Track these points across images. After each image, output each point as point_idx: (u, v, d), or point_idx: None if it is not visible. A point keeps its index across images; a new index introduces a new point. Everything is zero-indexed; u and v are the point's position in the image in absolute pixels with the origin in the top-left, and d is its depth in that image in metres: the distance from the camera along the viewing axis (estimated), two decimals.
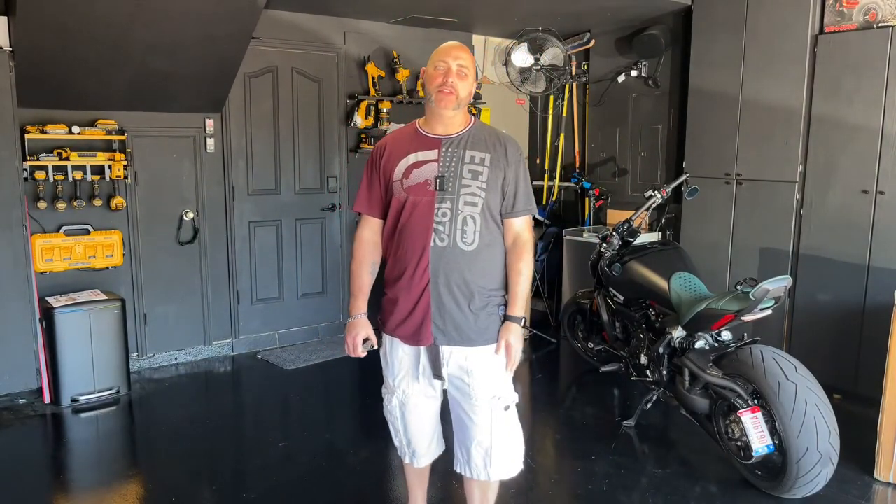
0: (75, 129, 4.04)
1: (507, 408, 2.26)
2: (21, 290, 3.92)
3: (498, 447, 2.26)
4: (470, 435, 2.27)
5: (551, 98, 5.79)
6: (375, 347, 2.30)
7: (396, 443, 2.46)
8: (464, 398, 2.25)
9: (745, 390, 2.97)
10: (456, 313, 2.17)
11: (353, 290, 2.30)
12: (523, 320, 2.27)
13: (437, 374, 2.25)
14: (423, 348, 2.23)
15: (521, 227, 2.25)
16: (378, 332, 2.32)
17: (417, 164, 2.18)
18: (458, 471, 2.36)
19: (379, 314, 2.34)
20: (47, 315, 3.92)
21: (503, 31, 5.51)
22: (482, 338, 2.21)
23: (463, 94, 2.16)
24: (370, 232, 2.32)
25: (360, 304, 2.28)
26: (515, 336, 2.21)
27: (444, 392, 2.35)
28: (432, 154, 2.18)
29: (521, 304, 2.25)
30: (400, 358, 2.29)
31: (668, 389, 3.48)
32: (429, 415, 2.37)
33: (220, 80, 4.32)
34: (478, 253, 2.17)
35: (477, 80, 2.26)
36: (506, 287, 2.26)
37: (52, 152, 4.01)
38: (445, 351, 2.21)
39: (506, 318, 2.23)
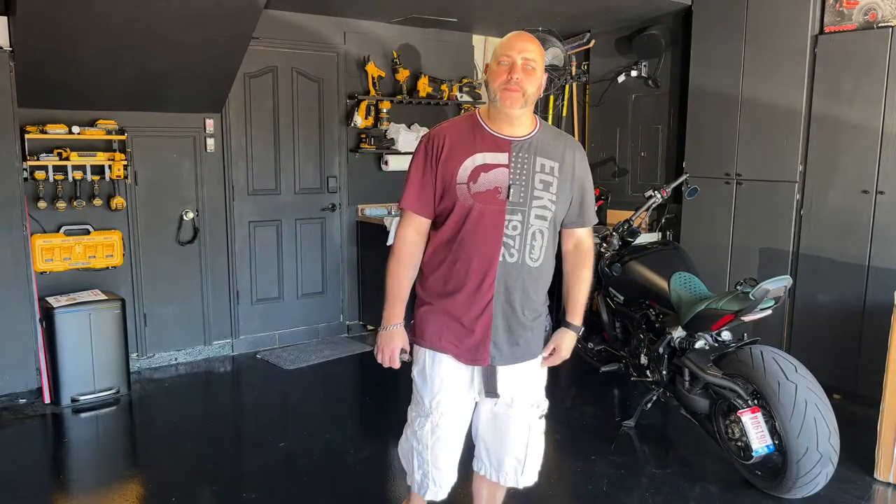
0: (75, 129, 4.04)
1: (541, 416, 2.20)
2: (21, 290, 3.92)
3: (531, 456, 2.20)
4: (505, 445, 2.18)
5: (551, 98, 5.79)
6: (410, 359, 2.12)
7: (418, 477, 2.22)
8: (505, 409, 2.14)
9: (745, 390, 2.96)
10: (517, 332, 2.05)
11: (391, 295, 2.06)
12: (580, 330, 2.19)
13: (491, 391, 2.08)
14: (476, 368, 2.09)
15: (585, 233, 2.16)
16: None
17: (486, 168, 1.96)
18: (482, 473, 2.28)
19: (415, 326, 2.14)
20: (47, 315, 3.92)
21: (503, 31, 5.50)
22: (533, 352, 2.13)
23: (531, 91, 1.95)
24: (414, 232, 2.06)
25: (399, 312, 2.06)
26: (569, 345, 2.14)
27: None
28: (502, 158, 1.96)
29: (581, 311, 2.18)
30: (443, 375, 2.08)
31: (668, 389, 3.48)
32: (460, 439, 2.20)
33: (220, 80, 4.32)
34: (541, 269, 2.06)
35: (546, 72, 2.08)
36: (551, 297, 2.16)
37: (52, 152, 4.01)
38: (501, 370, 2.08)
39: (565, 323, 2.14)
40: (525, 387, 2.14)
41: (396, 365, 2.08)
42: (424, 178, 2.02)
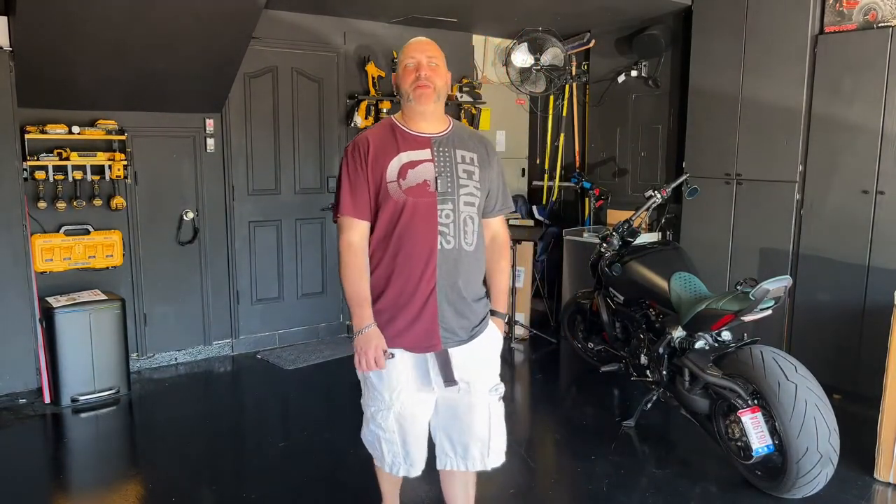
0: (75, 129, 4.04)
1: (500, 399, 2.29)
2: (21, 290, 3.92)
3: (495, 436, 2.28)
4: (468, 430, 2.26)
5: (551, 98, 5.79)
6: (394, 356, 2.15)
7: (388, 459, 2.31)
8: (463, 395, 2.22)
9: (745, 390, 2.96)
10: (464, 311, 2.17)
11: (356, 299, 2.12)
12: (507, 316, 2.38)
13: (449, 379, 2.16)
14: (430, 357, 2.17)
15: (500, 225, 2.34)
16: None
17: (412, 165, 2.09)
18: (448, 468, 2.33)
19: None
20: (47, 315, 3.92)
21: (503, 31, 5.50)
22: (480, 329, 2.24)
23: (440, 85, 2.14)
24: (359, 236, 2.13)
25: (368, 314, 2.11)
26: (500, 330, 2.32)
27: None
28: (425, 154, 2.11)
29: (505, 299, 2.37)
30: (399, 369, 2.18)
31: (668, 389, 3.48)
32: (426, 422, 2.30)
33: (220, 80, 4.32)
34: (477, 253, 2.19)
35: (449, 71, 2.27)
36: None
37: (52, 152, 4.01)
38: (453, 353, 2.17)
39: (492, 312, 2.30)
40: (480, 371, 2.23)
41: (382, 365, 2.12)
42: (356, 184, 2.11)
